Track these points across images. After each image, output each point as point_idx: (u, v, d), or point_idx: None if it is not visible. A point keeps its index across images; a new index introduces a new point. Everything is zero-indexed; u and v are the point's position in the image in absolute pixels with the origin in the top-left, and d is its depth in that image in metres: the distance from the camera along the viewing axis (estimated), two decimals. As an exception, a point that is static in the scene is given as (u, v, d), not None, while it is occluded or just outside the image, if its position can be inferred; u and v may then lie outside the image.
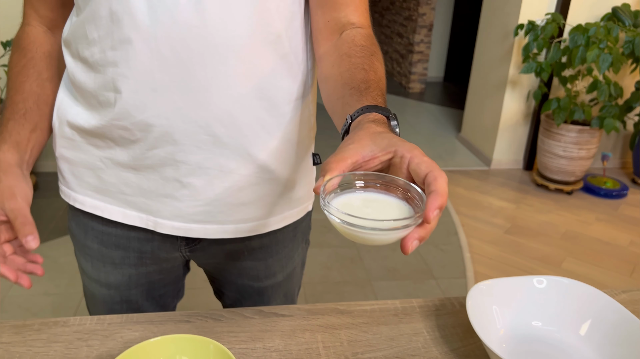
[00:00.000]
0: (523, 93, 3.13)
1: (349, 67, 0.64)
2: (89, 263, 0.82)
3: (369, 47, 0.67)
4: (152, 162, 0.70)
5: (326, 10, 0.68)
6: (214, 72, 0.64)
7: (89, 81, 0.68)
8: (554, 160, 2.90)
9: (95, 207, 0.76)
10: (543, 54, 2.92)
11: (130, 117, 0.66)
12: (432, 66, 5.43)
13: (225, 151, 0.69)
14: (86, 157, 0.74)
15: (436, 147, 3.66)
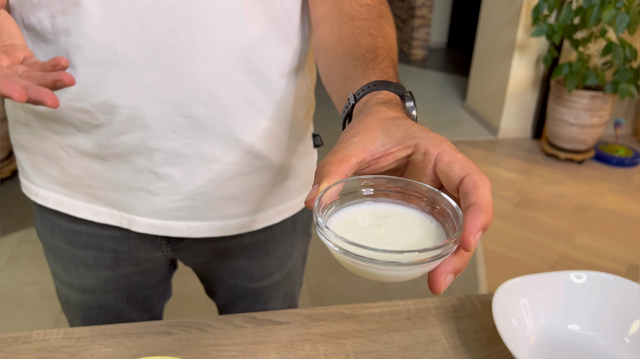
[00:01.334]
0: (532, 58, 2.98)
1: (352, 32, 0.51)
2: (59, 264, 0.72)
3: (377, 6, 0.55)
4: (121, 150, 0.59)
5: None
6: (190, 40, 0.53)
7: (39, 53, 0.56)
8: (564, 128, 2.77)
9: (61, 203, 0.66)
10: (553, 15, 2.76)
11: (90, 96, 0.55)
12: (434, 31, 5.23)
13: (207, 135, 0.59)
14: (45, 144, 0.63)
15: (440, 116, 3.53)
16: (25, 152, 0.66)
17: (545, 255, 2.05)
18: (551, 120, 2.85)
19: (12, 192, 2.38)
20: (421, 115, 3.52)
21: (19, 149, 0.67)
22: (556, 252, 2.08)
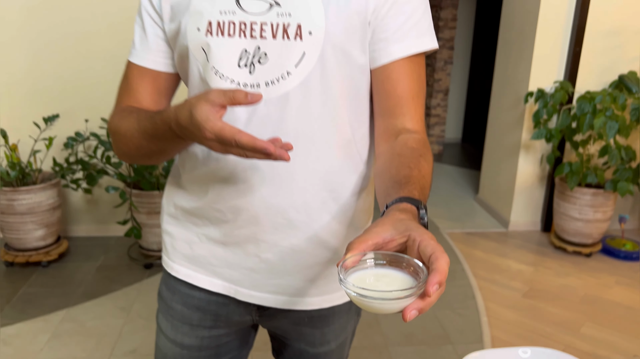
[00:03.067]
0: (537, 157, 3.21)
1: (397, 164, 0.74)
2: (170, 323, 0.92)
3: (419, 149, 0.77)
4: (238, 239, 0.83)
5: (387, 118, 0.80)
6: (294, 168, 0.77)
7: (195, 170, 0.83)
8: (570, 223, 2.93)
9: (188, 275, 0.89)
10: (554, 119, 3.01)
11: (225, 201, 0.80)
12: (449, 128, 5.56)
13: (297, 233, 0.82)
14: (185, 232, 0.88)
15: (455, 208, 3.71)
16: (170, 237, 0.91)
17: (552, 344, 2.14)
18: (557, 214, 3.01)
19: (58, 274, 2.61)
20: (437, 206, 3.73)
21: (166, 234, 0.92)
22: (562, 342, 2.16)
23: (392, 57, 0.76)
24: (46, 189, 2.60)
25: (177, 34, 0.78)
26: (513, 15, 3.32)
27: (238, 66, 0.74)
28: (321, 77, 0.74)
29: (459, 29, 5.20)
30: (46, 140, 2.67)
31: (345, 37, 0.74)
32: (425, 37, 0.79)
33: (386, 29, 0.76)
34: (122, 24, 2.74)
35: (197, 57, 0.76)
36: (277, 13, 0.73)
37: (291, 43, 0.73)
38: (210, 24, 0.74)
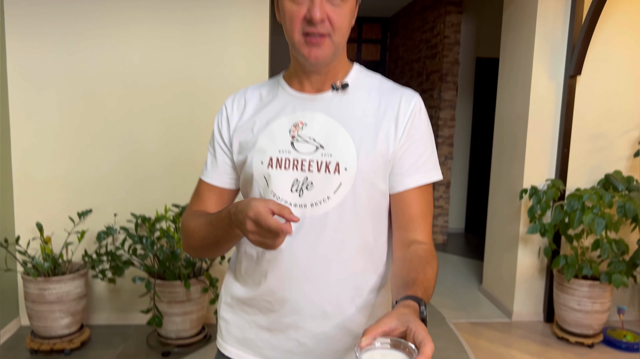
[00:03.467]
0: (535, 249, 3.39)
1: (408, 269, 0.96)
2: None
3: (426, 257, 0.99)
4: (282, 326, 1.04)
5: (402, 231, 1.04)
6: (330, 269, 1.00)
7: (249, 269, 1.05)
8: (570, 314, 3.05)
9: (238, 355, 1.09)
10: (548, 214, 3.23)
11: (274, 294, 1.02)
12: (452, 218, 5.77)
13: (330, 322, 1.02)
14: (238, 319, 1.09)
15: (459, 298, 3.83)
16: (225, 322, 1.12)
17: None
18: (558, 305, 3.14)
19: (80, 361, 2.73)
20: (443, 296, 3.85)
21: (222, 320, 1.12)
22: None
23: (406, 186, 1.02)
24: (75, 279, 2.78)
25: (244, 164, 1.05)
26: (505, 119, 3.65)
27: (291, 191, 1.00)
28: (353, 201, 0.99)
29: (457, 127, 5.58)
30: (78, 232, 2.89)
31: (371, 172, 1.00)
32: (432, 172, 1.04)
33: (402, 165, 1.01)
34: (139, 133, 3.06)
35: (260, 183, 1.02)
36: (321, 154, 0.99)
37: (331, 176, 0.99)
38: (271, 159, 1.01)
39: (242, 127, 1.07)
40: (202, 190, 1.12)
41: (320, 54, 0.97)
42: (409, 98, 1.03)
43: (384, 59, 7.60)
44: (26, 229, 3.04)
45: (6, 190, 2.98)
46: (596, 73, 3.28)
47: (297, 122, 1.03)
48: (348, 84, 1.04)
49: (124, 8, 2.98)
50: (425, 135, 1.04)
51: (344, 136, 1.00)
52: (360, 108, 1.02)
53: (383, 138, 1.00)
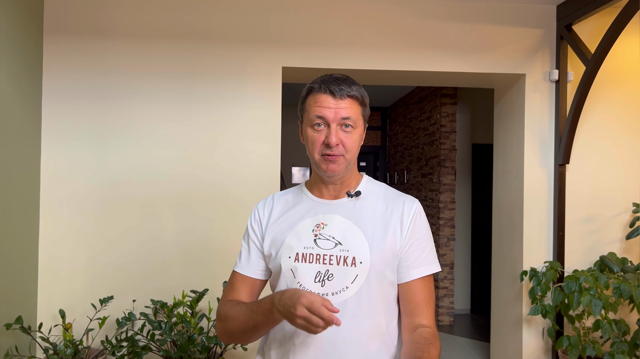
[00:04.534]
0: (539, 330, 3.48)
1: (414, 349, 1.14)
2: None
3: (430, 338, 1.17)
4: None
5: (409, 316, 1.23)
6: (349, 350, 1.17)
7: (279, 353, 1.22)
8: (578, 396, 3.08)
9: None
10: (549, 295, 3.36)
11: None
12: (457, 299, 5.84)
13: None
14: None
15: (468, 381, 3.85)
16: None
17: None
18: (565, 387, 3.18)
19: None
20: (451, 379, 3.87)
21: None
22: None
23: (412, 277, 1.22)
24: (94, 365, 2.87)
25: (274, 258, 1.25)
26: (502, 204, 3.87)
27: (314, 281, 1.19)
28: (367, 289, 1.18)
29: (458, 209, 5.80)
30: (99, 319, 3.02)
31: (382, 265, 1.20)
32: (433, 264, 1.26)
33: (407, 258, 1.23)
34: (157, 222, 3.28)
35: (287, 275, 1.22)
36: (340, 249, 1.20)
37: (349, 268, 1.19)
38: (297, 254, 1.22)
39: (272, 226, 1.28)
40: (235, 281, 1.32)
41: (335, 168, 1.22)
42: (411, 203, 1.27)
43: (384, 144, 7.99)
44: (48, 315, 3.17)
45: (31, 278, 3.14)
46: (584, 160, 3.54)
47: (319, 222, 1.24)
48: (360, 192, 1.28)
49: (150, 109, 3.29)
50: (425, 234, 1.27)
51: (359, 234, 1.21)
52: (371, 211, 1.25)
53: (391, 236, 1.22)
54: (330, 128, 1.19)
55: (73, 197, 3.24)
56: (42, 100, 3.23)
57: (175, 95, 3.30)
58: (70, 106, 3.24)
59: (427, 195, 5.91)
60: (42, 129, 3.23)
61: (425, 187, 5.96)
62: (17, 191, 2.96)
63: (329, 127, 1.19)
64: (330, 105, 1.19)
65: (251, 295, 1.31)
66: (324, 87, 1.20)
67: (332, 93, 1.19)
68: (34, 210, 3.17)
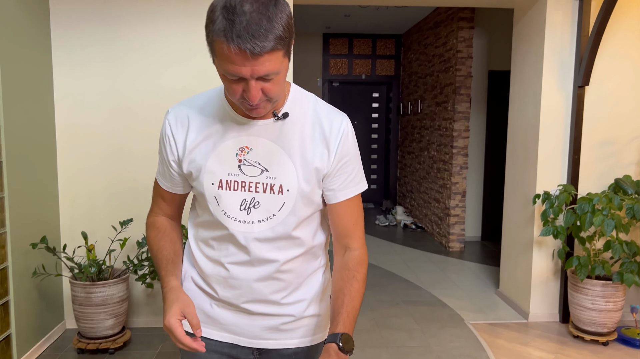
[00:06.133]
0: (549, 252, 3.54)
1: (338, 289, 1.16)
2: None
3: (354, 269, 1.17)
4: (239, 306, 1.21)
5: (338, 237, 1.23)
6: (277, 269, 1.19)
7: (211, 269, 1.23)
8: (584, 313, 3.18)
9: (207, 333, 1.26)
10: (561, 218, 3.38)
11: (234, 279, 1.19)
12: (468, 227, 5.92)
13: (275, 306, 1.22)
14: (199, 302, 1.25)
15: (477, 301, 3.98)
16: None
17: None
18: (572, 305, 3.27)
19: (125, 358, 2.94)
20: (461, 299, 4.00)
21: None
22: (583, 422, 2.36)
23: (338, 200, 1.19)
24: (118, 283, 3.00)
25: (195, 181, 1.17)
26: (517, 129, 3.83)
27: (240, 209, 1.15)
28: (294, 216, 1.16)
29: (472, 137, 5.75)
30: (120, 240, 3.12)
31: (309, 191, 1.16)
32: (360, 184, 1.21)
33: (334, 182, 1.18)
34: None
35: (211, 202, 1.16)
36: (266, 176, 1.13)
37: (276, 196, 1.14)
38: (221, 181, 1.13)
39: (190, 147, 1.15)
40: (158, 190, 1.27)
41: (260, 111, 1.07)
42: (339, 123, 1.16)
43: (398, 73, 7.82)
44: (71, 238, 3.28)
45: (52, 202, 3.23)
46: (604, 83, 3.45)
47: (243, 146, 1.13)
48: (288, 114, 1.14)
49: (160, 30, 3.23)
50: (353, 155, 1.18)
51: (285, 160, 1.13)
52: (299, 133, 1.14)
53: (318, 161, 1.14)
54: (249, 84, 0.99)
55: (88, 122, 3.26)
56: (51, 25, 3.17)
57: (187, 15, 3.23)
58: (79, 29, 3.19)
59: (440, 124, 5.85)
60: (52, 54, 3.20)
61: (439, 116, 5.89)
62: (32, 116, 2.98)
63: (246, 81, 0.99)
64: (244, 64, 0.95)
65: (176, 206, 1.28)
66: (234, 44, 0.92)
67: (246, 51, 0.93)
68: (51, 136, 3.20)
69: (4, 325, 2.72)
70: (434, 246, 5.80)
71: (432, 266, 5.00)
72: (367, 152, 8.26)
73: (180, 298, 1.10)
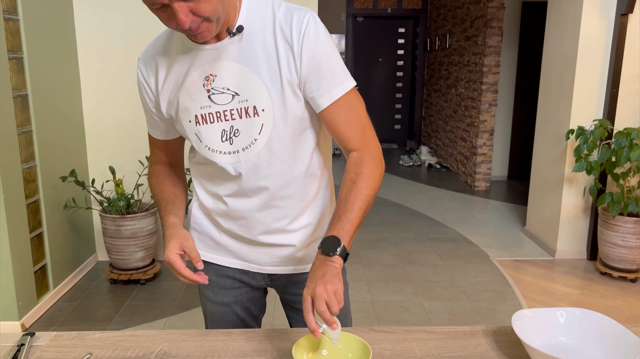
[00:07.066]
0: (580, 189, 3.45)
1: (341, 196, 1.06)
2: (210, 290, 1.28)
3: (350, 171, 1.08)
4: (245, 237, 1.19)
5: (339, 143, 1.13)
6: (274, 198, 1.14)
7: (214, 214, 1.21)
8: (614, 250, 3.14)
9: (217, 259, 1.25)
10: (595, 154, 3.27)
11: (235, 211, 1.16)
12: (495, 166, 5.82)
13: (284, 234, 1.19)
14: (207, 229, 1.24)
15: (503, 239, 3.96)
16: (197, 232, 1.26)
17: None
18: (602, 242, 3.22)
19: (155, 290, 3.03)
20: (486, 237, 3.98)
21: (193, 231, 1.27)
22: None
23: (323, 106, 1.08)
24: (147, 217, 3.05)
25: (176, 120, 1.13)
26: (553, 61, 3.65)
27: (221, 141, 1.09)
28: (277, 136, 1.08)
29: (502, 73, 5.54)
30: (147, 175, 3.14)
31: (286, 105, 1.06)
32: (345, 82, 1.07)
33: (311, 89, 1.06)
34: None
35: (193, 140, 1.12)
36: (238, 101, 1.06)
37: (253, 119, 1.06)
38: (196, 117, 1.09)
39: (162, 89, 1.11)
40: (152, 141, 1.24)
41: (205, 36, 0.98)
42: (299, 21, 1.03)
43: (425, 7, 7.50)
44: (99, 174, 3.32)
45: (79, 138, 3.25)
46: (649, 10, 3.23)
47: (207, 74, 1.06)
48: (243, 27, 1.04)
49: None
50: (326, 53, 1.05)
51: (253, 78, 1.04)
52: (261, 45, 1.04)
53: (286, 70, 1.03)
54: (173, 9, 0.91)
55: (112, 56, 3.21)
56: (68, -47, 3.07)
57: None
58: (96, -42, 3.08)
59: (470, 59, 5.63)
60: None
61: (469, 51, 5.66)
62: (55, 50, 2.95)
63: (170, 6, 0.91)
64: None
65: (172, 152, 1.24)
66: None
67: None
68: (74, 70, 3.18)
69: (39, 255, 2.81)
70: (459, 185, 5.74)
71: (457, 205, 4.96)
72: (391, 91, 8.08)
73: (178, 233, 1.08)
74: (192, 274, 1.03)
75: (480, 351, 1.06)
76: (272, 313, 2.66)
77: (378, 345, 1.07)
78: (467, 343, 1.09)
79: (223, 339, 1.10)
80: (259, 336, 1.11)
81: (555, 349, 1.03)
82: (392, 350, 1.06)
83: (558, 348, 1.04)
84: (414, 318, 2.73)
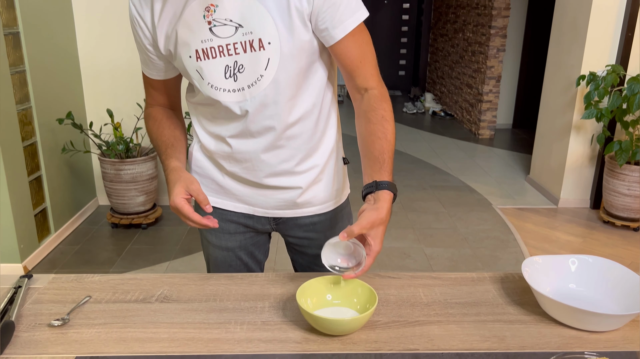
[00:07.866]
0: (587, 137, 3.39)
1: (369, 132, 1.03)
2: (214, 235, 1.24)
3: (379, 109, 1.03)
4: (250, 179, 1.14)
5: (350, 79, 1.07)
6: (281, 136, 1.08)
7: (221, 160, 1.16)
8: (618, 198, 3.11)
9: (221, 203, 1.20)
10: (605, 101, 3.19)
11: (239, 153, 1.11)
12: (500, 114, 5.72)
13: (291, 176, 1.14)
14: (210, 173, 1.19)
15: (506, 187, 3.93)
16: (199, 176, 1.21)
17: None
18: (607, 191, 3.19)
19: (156, 234, 3.02)
20: (489, 186, 3.95)
21: (194, 173, 1.21)
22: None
23: (337, 38, 1.01)
24: (146, 161, 3.01)
25: (175, 57, 1.05)
26: (566, 5, 3.49)
27: (225, 78, 1.01)
28: (285, 72, 1.01)
29: (512, 17, 5.35)
30: (145, 119, 3.07)
31: (295, 36, 0.98)
32: (358, 12, 1.00)
33: (324, 20, 0.98)
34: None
35: (194, 77, 1.04)
36: (242, 33, 0.97)
37: (258, 53, 0.98)
38: (197, 51, 1.00)
39: (159, 23, 1.03)
40: (147, 80, 1.16)
41: None
42: None
43: (434, -54, 7.16)
44: (97, 117, 3.24)
45: (75, 79, 3.15)
46: (672, -52, 3.05)
47: (208, 4, 0.98)
48: None
49: None
50: None
51: (258, 7, 0.96)
52: None
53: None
54: None
55: None
56: None
57: None
58: None
59: (479, 2, 5.42)
60: None
61: (478, -7, 5.44)
62: (45, -16, 2.81)
63: None
64: None
65: (169, 93, 1.18)
66: None
67: None
68: (68, 14, 3.04)
69: (39, 198, 2.78)
70: (463, 133, 5.66)
71: (460, 153, 4.91)
72: (396, 36, 7.85)
73: (182, 176, 1.03)
74: (201, 218, 1.00)
75: (488, 297, 1.04)
76: (274, 257, 2.67)
77: (383, 290, 1.05)
78: (474, 289, 1.07)
79: (225, 283, 1.08)
80: (262, 280, 1.09)
81: (565, 296, 1.01)
82: (398, 295, 1.03)
83: (568, 296, 1.01)
84: (415, 264, 2.74)
